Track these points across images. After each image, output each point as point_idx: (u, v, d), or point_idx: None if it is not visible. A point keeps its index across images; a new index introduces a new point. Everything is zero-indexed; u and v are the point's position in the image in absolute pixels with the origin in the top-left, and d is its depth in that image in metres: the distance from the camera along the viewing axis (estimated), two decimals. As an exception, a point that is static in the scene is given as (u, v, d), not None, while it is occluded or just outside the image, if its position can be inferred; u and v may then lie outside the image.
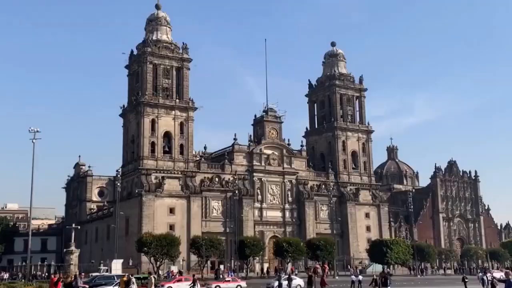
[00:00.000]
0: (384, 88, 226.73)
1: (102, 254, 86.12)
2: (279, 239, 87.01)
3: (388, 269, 77.80)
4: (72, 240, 55.12)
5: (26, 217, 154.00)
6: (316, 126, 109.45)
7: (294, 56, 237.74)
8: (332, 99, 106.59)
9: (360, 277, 47.46)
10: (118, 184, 72.29)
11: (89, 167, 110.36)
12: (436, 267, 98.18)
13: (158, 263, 69.72)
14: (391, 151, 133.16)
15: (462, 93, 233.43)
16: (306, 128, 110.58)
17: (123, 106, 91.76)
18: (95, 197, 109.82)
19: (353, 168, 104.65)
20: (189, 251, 77.23)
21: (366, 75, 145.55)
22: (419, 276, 78.10)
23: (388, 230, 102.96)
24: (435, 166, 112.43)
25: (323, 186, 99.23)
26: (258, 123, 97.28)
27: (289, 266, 79.39)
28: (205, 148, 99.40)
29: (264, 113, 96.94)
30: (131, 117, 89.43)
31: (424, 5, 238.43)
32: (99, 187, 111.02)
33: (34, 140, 56.51)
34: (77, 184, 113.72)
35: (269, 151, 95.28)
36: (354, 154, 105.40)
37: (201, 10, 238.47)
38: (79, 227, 67.96)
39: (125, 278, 37.79)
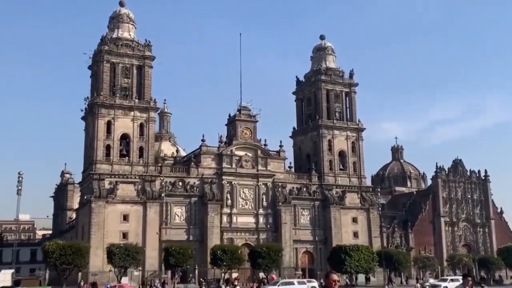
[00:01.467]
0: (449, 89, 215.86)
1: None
2: (255, 246, 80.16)
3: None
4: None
5: (32, 228, 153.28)
6: (304, 125, 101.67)
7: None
8: (317, 96, 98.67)
9: None
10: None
11: (70, 174, 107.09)
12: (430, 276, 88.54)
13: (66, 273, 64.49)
14: (396, 152, 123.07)
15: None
16: (294, 128, 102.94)
17: (85, 108, 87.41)
18: (76, 206, 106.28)
19: (340, 169, 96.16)
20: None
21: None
22: (386, 287, 69.10)
23: (380, 236, 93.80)
24: (436, 166, 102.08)
25: (304, 189, 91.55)
26: (231, 123, 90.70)
27: (261, 275, 72.62)
28: (177, 151, 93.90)
29: (238, 112, 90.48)
30: (90, 119, 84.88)
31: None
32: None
33: None
34: (60, 192, 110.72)
35: (241, 153, 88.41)
36: (342, 154, 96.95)
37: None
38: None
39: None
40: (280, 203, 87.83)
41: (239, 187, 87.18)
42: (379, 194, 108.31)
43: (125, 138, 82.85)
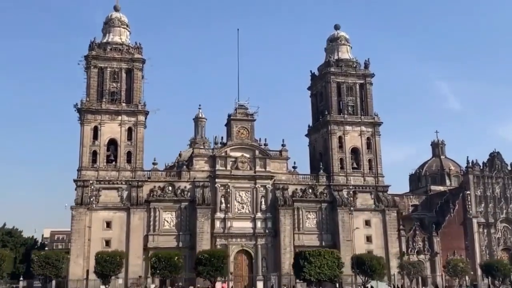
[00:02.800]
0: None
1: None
2: (199, 252, 73.93)
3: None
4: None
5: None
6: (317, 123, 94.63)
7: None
8: (327, 89, 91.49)
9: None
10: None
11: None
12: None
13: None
14: (436, 147, 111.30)
15: None
16: (308, 126, 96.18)
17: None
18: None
19: (354, 168, 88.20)
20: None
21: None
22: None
23: (397, 240, 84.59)
24: (467, 161, 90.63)
25: (310, 190, 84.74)
26: (229, 123, 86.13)
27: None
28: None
29: (235, 111, 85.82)
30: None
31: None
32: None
33: None
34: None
35: (237, 154, 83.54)
36: (355, 151, 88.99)
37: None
38: None
39: None
40: (279, 206, 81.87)
41: (235, 190, 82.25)
42: (410, 195, 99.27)
43: (113, 143, 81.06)
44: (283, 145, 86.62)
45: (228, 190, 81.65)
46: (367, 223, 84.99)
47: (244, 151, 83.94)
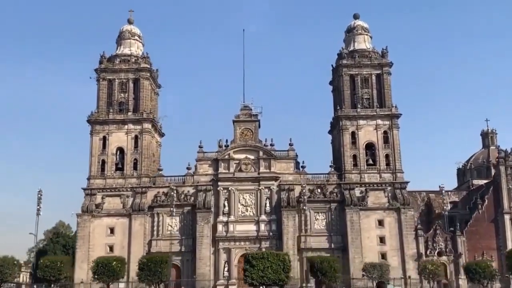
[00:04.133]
0: None
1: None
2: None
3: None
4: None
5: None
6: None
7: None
8: (339, 83, 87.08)
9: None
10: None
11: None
12: None
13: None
14: (485, 137, 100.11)
15: None
16: (331, 123, 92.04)
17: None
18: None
19: (369, 165, 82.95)
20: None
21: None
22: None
23: (414, 241, 77.99)
24: (498, 150, 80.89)
25: (319, 190, 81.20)
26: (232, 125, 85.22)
27: None
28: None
29: (240, 112, 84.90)
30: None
31: None
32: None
33: None
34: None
35: (241, 155, 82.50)
36: (370, 146, 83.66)
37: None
38: None
39: None
40: (281, 208, 79.48)
41: (238, 192, 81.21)
42: (449, 191, 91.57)
43: (121, 152, 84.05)
44: (290, 145, 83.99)
45: (231, 193, 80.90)
46: (380, 223, 79.49)
47: (248, 152, 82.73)
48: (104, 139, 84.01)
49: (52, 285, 70.86)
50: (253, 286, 56.81)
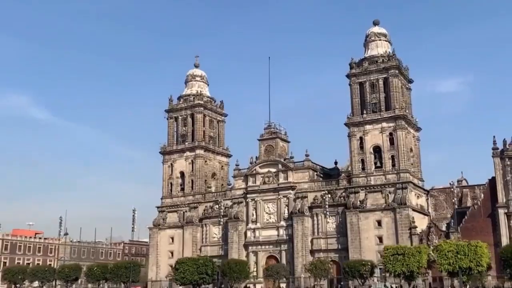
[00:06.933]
0: None
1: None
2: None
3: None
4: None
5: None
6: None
7: None
8: (350, 91, 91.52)
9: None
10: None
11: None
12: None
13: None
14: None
15: None
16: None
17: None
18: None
19: (376, 167, 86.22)
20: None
21: None
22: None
23: (409, 239, 78.99)
24: (493, 140, 75.30)
25: (329, 195, 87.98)
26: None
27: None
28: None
29: (264, 131, 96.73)
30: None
31: None
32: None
33: None
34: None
35: (264, 170, 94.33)
36: (377, 150, 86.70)
37: None
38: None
39: None
40: (293, 214, 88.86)
41: (263, 202, 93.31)
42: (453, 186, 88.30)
43: (182, 175, 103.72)
44: (306, 155, 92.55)
45: (258, 203, 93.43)
46: (379, 223, 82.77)
47: (271, 166, 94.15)
48: (172, 165, 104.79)
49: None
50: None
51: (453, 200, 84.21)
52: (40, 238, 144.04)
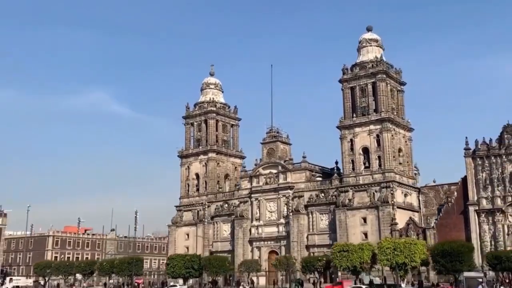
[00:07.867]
0: None
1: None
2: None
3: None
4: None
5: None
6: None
7: None
8: (342, 96, 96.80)
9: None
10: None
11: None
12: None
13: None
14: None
15: None
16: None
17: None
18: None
19: (365, 168, 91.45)
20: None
21: None
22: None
23: (390, 235, 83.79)
24: (466, 141, 78.45)
25: (322, 194, 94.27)
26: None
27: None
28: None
29: (266, 135, 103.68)
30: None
31: None
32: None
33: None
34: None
35: (266, 171, 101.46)
36: (366, 151, 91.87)
37: None
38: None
39: None
40: (289, 213, 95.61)
41: (266, 201, 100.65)
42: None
43: (197, 177, 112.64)
44: (303, 157, 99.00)
45: (261, 202, 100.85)
46: (365, 220, 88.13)
47: (272, 168, 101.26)
48: (188, 168, 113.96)
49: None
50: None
51: (441, 197, 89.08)
52: (88, 234, 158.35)
